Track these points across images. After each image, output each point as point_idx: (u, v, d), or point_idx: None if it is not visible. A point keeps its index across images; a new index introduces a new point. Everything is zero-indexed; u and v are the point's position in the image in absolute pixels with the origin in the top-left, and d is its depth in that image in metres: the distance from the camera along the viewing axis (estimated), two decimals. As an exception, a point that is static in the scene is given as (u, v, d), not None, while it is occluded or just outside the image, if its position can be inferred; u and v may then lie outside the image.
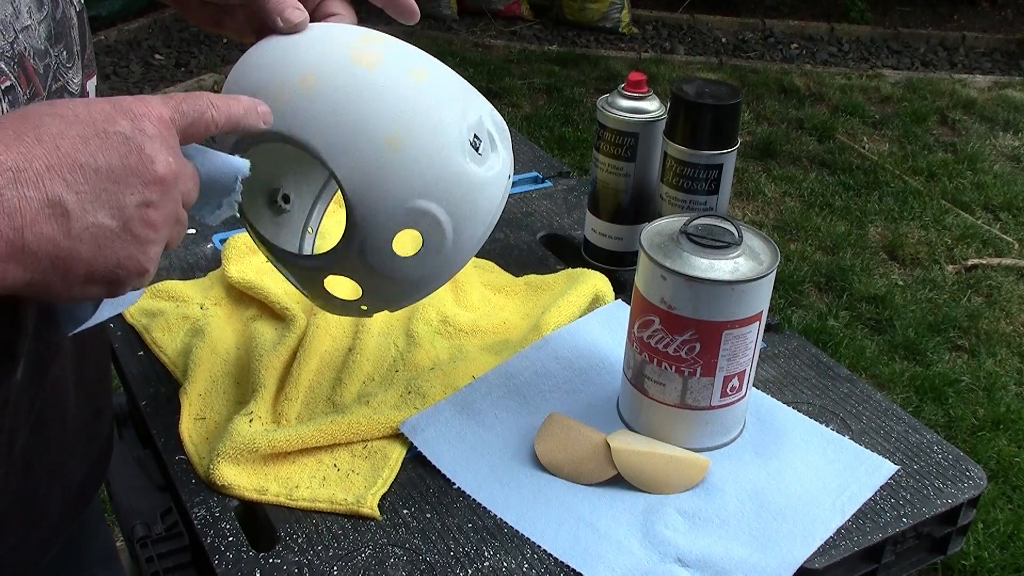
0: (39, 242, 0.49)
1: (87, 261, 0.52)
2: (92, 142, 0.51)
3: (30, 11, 0.60)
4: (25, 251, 0.49)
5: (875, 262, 3.04)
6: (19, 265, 0.49)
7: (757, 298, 0.82)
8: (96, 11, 4.22)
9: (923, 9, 5.31)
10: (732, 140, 1.03)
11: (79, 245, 0.51)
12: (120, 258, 0.53)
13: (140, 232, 0.54)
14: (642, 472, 0.84)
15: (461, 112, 0.74)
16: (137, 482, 0.89)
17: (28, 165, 0.49)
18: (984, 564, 1.96)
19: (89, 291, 0.54)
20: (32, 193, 0.49)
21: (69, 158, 0.50)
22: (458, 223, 0.73)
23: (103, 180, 0.51)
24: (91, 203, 0.51)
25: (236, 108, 0.62)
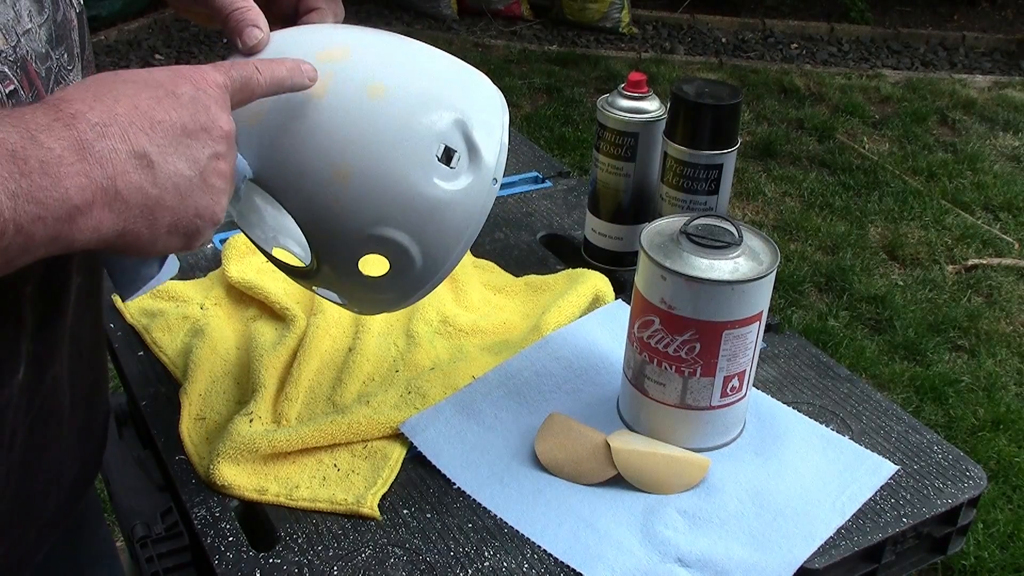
0: (130, 190, 0.52)
1: (172, 209, 0.55)
2: (164, 101, 0.55)
3: (31, 15, 0.60)
4: (118, 198, 0.52)
5: (875, 262, 3.04)
6: (113, 213, 0.52)
7: (757, 298, 0.82)
8: (96, 11, 4.22)
9: (923, 9, 5.31)
10: (732, 140, 1.03)
11: (164, 193, 0.54)
12: (199, 207, 0.57)
13: (214, 182, 0.58)
14: (642, 472, 0.84)
15: (427, 125, 0.69)
16: (137, 482, 0.90)
17: (113, 120, 0.52)
18: (984, 564, 1.96)
19: (172, 242, 0.57)
20: (120, 145, 0.52)
21: (147, 115, 0.54)
22: (426, 243, 0.71)
23: (179, 134, 0.55)
24: (172, 154, 0.54)
25: (279, 70, 0.64)
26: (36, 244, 0.49)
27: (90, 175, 0.50)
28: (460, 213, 0.72)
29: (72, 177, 0.50)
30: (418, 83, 0.71)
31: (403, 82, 0.70)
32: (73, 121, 0.51)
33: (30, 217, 0.48)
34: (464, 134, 0.71)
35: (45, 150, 0.49)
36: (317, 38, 0.72)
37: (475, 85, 0.75)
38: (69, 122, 0.51)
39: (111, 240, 0.53)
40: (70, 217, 0.50)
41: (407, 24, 4.78)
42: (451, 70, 0.74)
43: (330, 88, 0.68)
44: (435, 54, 0.75)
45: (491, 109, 0.74)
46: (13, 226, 0.48)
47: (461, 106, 0.71)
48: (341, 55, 0.70)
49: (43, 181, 0.48)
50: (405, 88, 0.70)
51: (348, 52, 0.71)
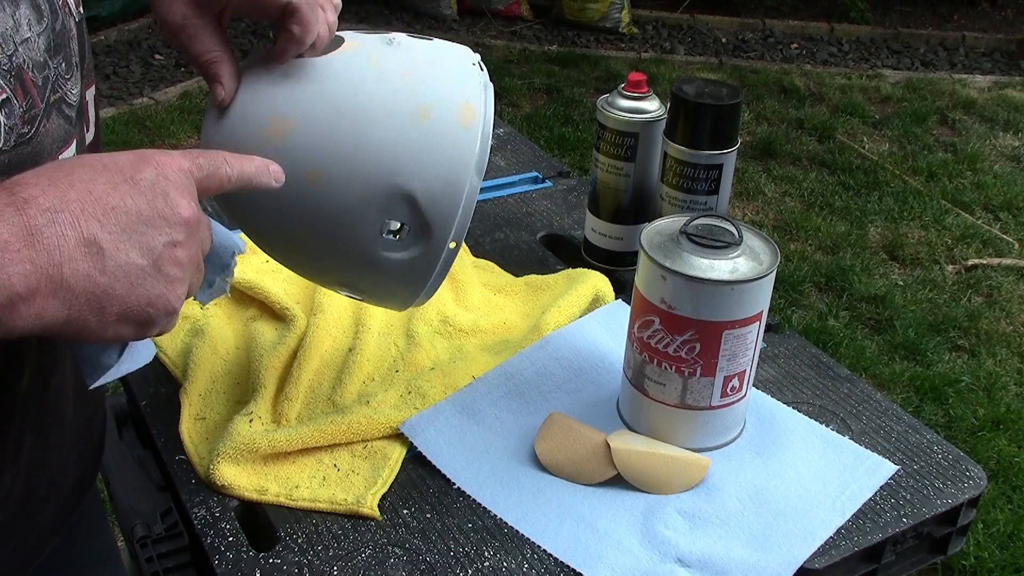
0: (77, 278, 0.52)
1: (121, 298, 0.54)
2: (121, 187, 0.54)
3: (29, 23, 0.60)
4: (64, 286, 0.51)
5: (875, 262, 3.04)
6: (58, 301, 0.51)
7: (757, 298, 0.82)
8: (96, 11, 4.22)
9: (923, 9, 5.31)
10: (732, 140, 1.03)
11: (114, 282, 0.53)
12: (151, 296, 0.56)
13: (169, 271, 0.56)
14: (642, 472, 0.84)
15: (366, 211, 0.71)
16: (137, 482, 0.89)
17: (64, 207, 0.51)
18: (984, 564, 1.96)
19: (122, 330, 0.56)
20: (69, 232, 0.51)
21: (101, 201, 0.53)
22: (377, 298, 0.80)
23: (133, 222, 0.54)
24: (124, 242, 0.53)
25: (248, 167, 0.64)
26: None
27: (35, 262, 0.50)
28: (409, 276, 0.75)
29: (16, 264, 0.49)
30: (360, 165, 0.70)
31: (343, 168, 0.70)
32: (25, 206, 0.50)
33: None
34: (411, 207, 0.71)
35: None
36: (274, 101, 0.72)
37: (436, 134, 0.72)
38: (21, 207, 0.50)
39: (56, 328, 0.52)
40: (11, 303, 0.49)
41: (407, 24, 4.78)
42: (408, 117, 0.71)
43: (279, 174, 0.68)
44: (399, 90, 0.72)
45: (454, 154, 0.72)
46: None
47: (410, 178, 0.71)
48: (286, 131, 0.70)
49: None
50: (345, 176, 0.70)
51: (293, 128, 0.70)
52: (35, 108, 0.60)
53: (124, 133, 3.50)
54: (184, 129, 3.59)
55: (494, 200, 1.29)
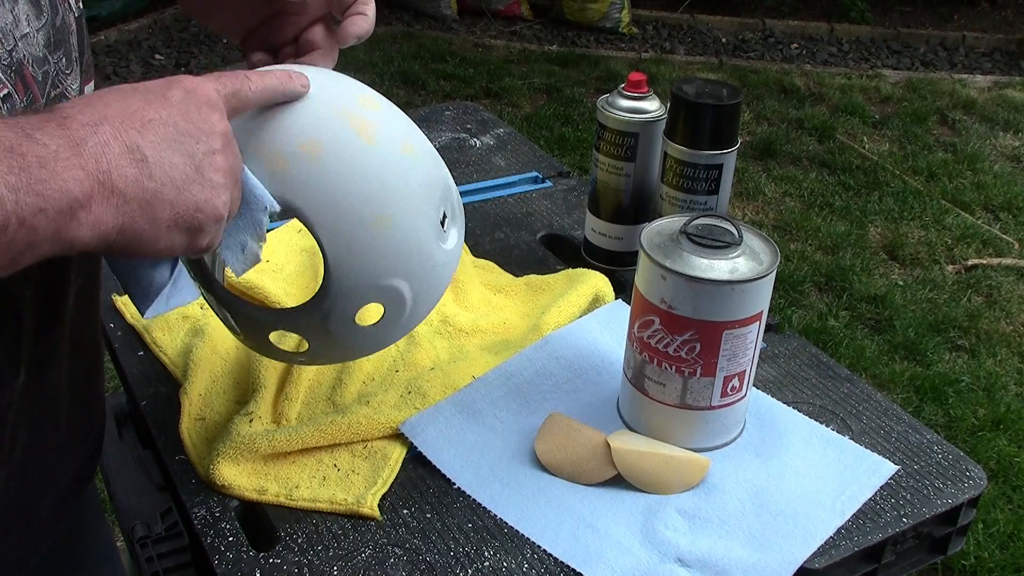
0: (126, 183, 0.53)
1: (171, 202, 0.55)
2: (155, 103, 0.56)
3: (28, 19, 0.60)
4: (115, 192, 0.52)
5: (875, 262, 3.04)
6: (112, 207, 0.53)
7: (757, 298, 0.82)
8: (96, 11, 4.22)
9: (923, 9, 5.31)
10: (732, 140, 1.03)
11: (162, 187, 0.55)
12: (199, 200, 0.57)
13: (212, 176, 0.58)
14: (642, 472, 0.84)
15: (440, 190, 0.74)
16: (137, 482, 0.90)
17: (104, 120, 0.53)
18: (984, 564, 1.96)
19: (174, 238, 0.57)
20: (112, 140, 0.53)
21: (138, 115, 0.55)
22: (418, 298, 0.74)
23: (171, 132, 0.56)
24: (165, 150, 0.55)
25: (270, 79, 0.65)
26: (39, 239, 0.50)
27: (86, 168, 0.51)
28: (447, 272, 0.76)
29: (69, 171, 0.50)
30: (429, 148, 0.75)
31: (422, 148, 0.74)
32: (65, 122, 0.52)
33: (32, 210, 0.49)
34: (451, 200, 0.76)
35: (41, 146, 0.50)
36: (352, 86, 0.74)
37: None
38: (62, 122, 0.52)
39: (112, 237, 0.53)
40: (71, 210, 0.50)
41: (407, 24, 4.78)
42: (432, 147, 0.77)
43: (379, 136, 0.70)
44: None
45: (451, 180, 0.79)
46: (16, 219, 0.48)
47: (446, 173, 0.77)
48: (378, 106, 0.73)
49: (42, 174, 0.49)
50: (425, 152, 0.74)
51: (381, 104, 0.73)
52: (36, 103, 0.60)
53: (124, 133, 3.49)
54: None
55: (494, 200, 1.29)
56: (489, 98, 4.02)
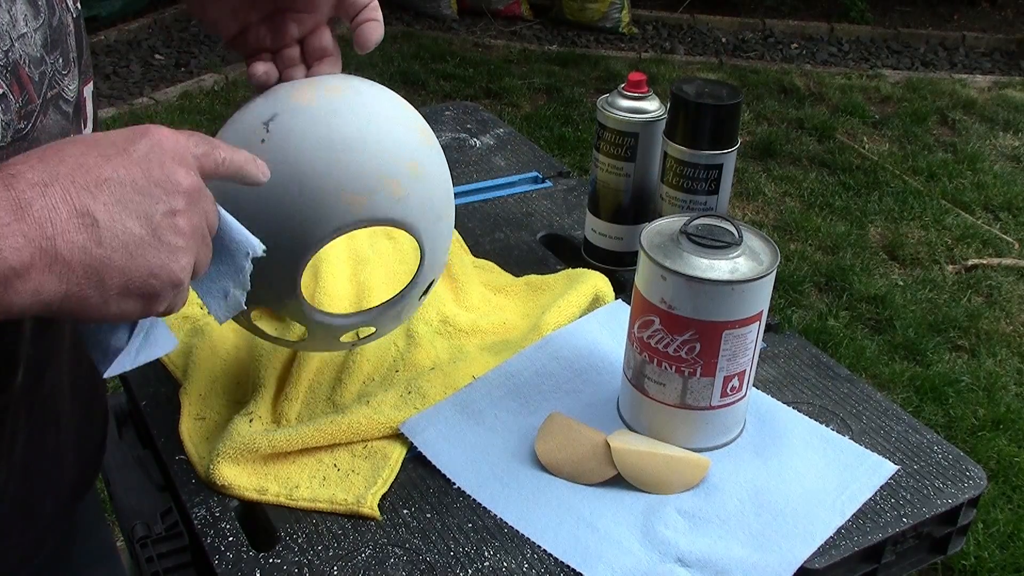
0: (72, 251, 0.50)
1: (121, 269, 0.53)
2: (114, 159, 0.53)
3: (26, 19, 0.60)
4: (59, 260, 0.50)
5: (875, 262, 3.04)
6: (55, 275, 0.50)
7: (757, 298, 0.82)
8: (96, 11, 4.21)
9: (923, 9, 5.31)
10: (732, 140, 1.03)
11: (112, 253, 0.52)
12: (153, 266, 0.54)
13: (169, 239, 0.55)
14: (642, 472, 0.84)
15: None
16: (137, 482, 0.89)
17: (54, 180, 0.50)
18: (984, 564, 1.96)
19: (126, 306, 0.54)
20: (61, 205, 0.50)
21: (93, 173, 0.52)
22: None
23: (128, 192, 0.53)
24: (119, 212, 0.52)
25: (239, 156, 0.63)
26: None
27: (27, 235, 0.49)
28: None
29: (7, 238, 0.48)
30: None
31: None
32: (12, 181, 0.50)
33: None
34: None
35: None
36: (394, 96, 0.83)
37: None
38: (8, 183, 0.50)
39: (56, 304, 0.51)
40: (5, 279, 0.48)
41: (407, 24, 4.78)
42: None
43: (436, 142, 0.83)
44: None
45: None
46: None
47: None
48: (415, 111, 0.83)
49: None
50: None
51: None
52: (31, 104, 0.60)
53: (124, 133, 3.50)
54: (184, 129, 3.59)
55: (494, 200, 1.29)
56: (489, 98, 4.02)
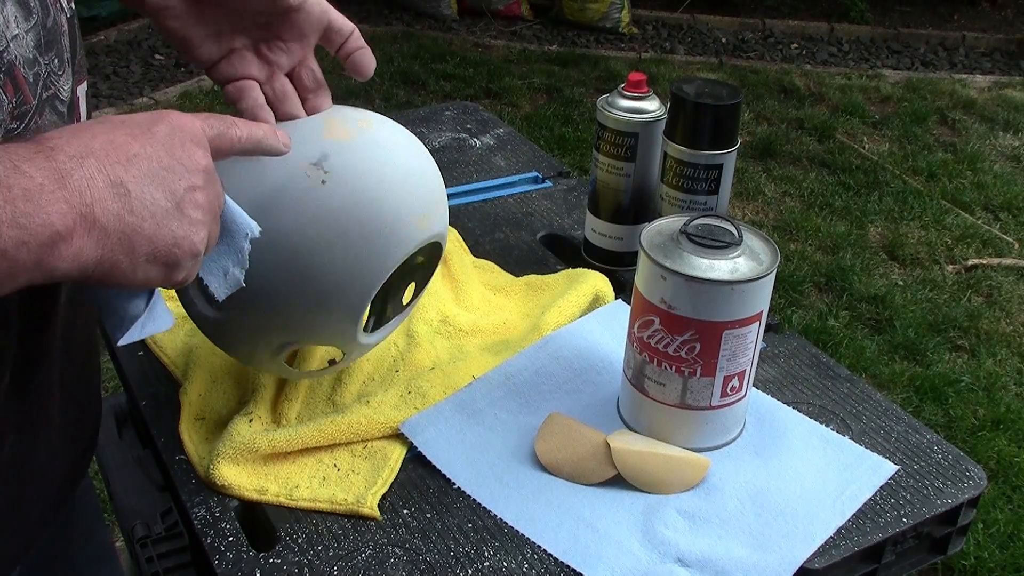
0: (108, 217, 0.54)
1: (149, 237, 0.57)
2: (140, 137, 0.57)
3: (17, 20, 0.60)
4: (97, 225, 0.54)
5: (875, 262, 3.04)
6: (92, 240, 0.54)
7: (757, 298, 0.82)
8: (96, 11, 4.22)
9: (923, 9, 5.31)
10: (732, 140, 1.03)
11: (142, 222, 0.56)
12: (177, 236, 0.58)
13: (191, 213, 0.59)
14: (642, 472, 0.84)
15: None
16: (137, 482, 0.89)
17: (89, 153, 0.54)
18: (984, 564, 1.96)
19: (151, 272, 0.58)
20: (97, 174, 0.54)
21: (123, 149, 0.56)
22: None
23: (155, 167, 0.57)
24: (148, 185, 0.56)
25: (257, 130, 0.67)
26: (19, 269, 0.51)
27: (70, 202, 0.52)
28: None
29: (53, 204, 0.51)
30: None
31: None
32: (53, 153, 0.53)
33: (14, 242, 0.50)
34: None
35: (27, 178, 0.51)
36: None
37: None
38: (49, 154, 0.53)
39: (91, 269, 0.55)
40: (52, 243, 0.52)
41: (407, 24, 4.78)
42: None
43: None
44: None
45: None
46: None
47: None
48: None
49: (26, 207, 0.50)
50: None
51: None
52: (26, 104, 0.60)
53: (124, 133, 3.49)
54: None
55: (494, 200, 1.29)
56: (489, 98, 4.02)
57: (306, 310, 0.78)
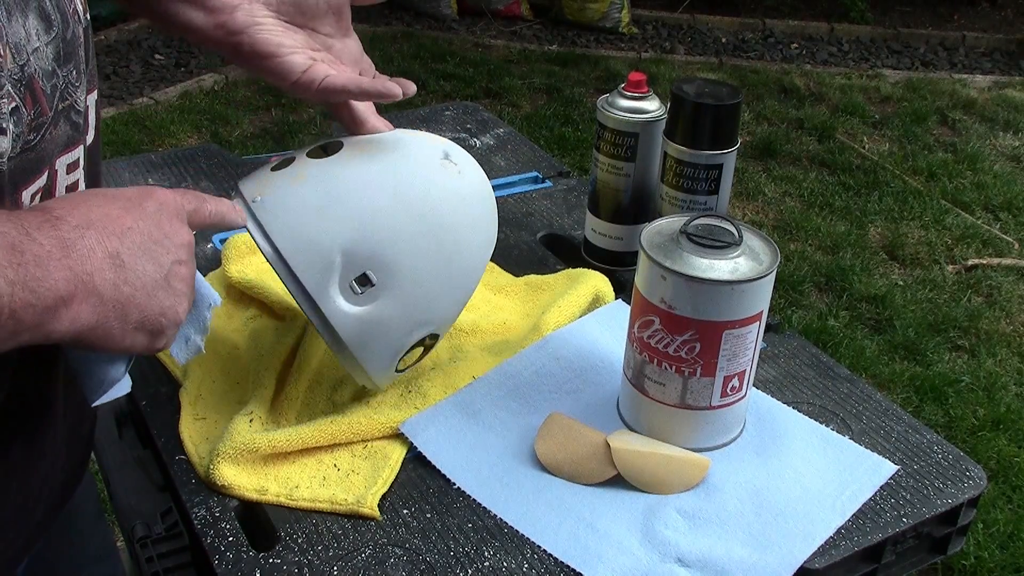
0: (105, 286, 0.58)
1: (140, 307, 0.61)
2: (133, 212, 0.62)
3: (38, 33, 0.61)
4: (95, 293, 0.58)
5: (875, 262, 3.04)
6: (89, 306, 0.58)
7: (757, 298, 0.82)
8: (96, 11, 4.18)
9: (923, 9, 5.31)
10: (732, 140, 1.03)
11: (135, 292, 0.61)
12: (164, 306, 0.63)
13: (176, 285, 0.64)
14: (642, 472, 0.84)
15: None
16: (137, 482, 0.89)
17: (90, 224, 0.59)
18: (984, 564, 1.96)
19: (137, 339, 0.62)
20: (96, 246, 0.58)
21: (118, 222, 0.61)
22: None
23: (146, 241, 0.62)
24: (140, 257, 0.61)
25: (222, 206, 0.73)
26: (23, 329, 0.54)
27: (73, 270, 0.56)
28: None
29: (60, 271, 0.55)
30: None
31: None
32: (58, 223, 0.57)
33: (23, 303, 0.53)
34: None
35: (38, 245, 0.55)
36: None
37: None
38: (55, 223, 0.57)
39: (85, 333, 0.58)
40: (55, 307, 0.55)
41: (407, 24, 4.78)
42: None
43: None
44: None
45: None
46: (8, 311, 0.52)
47: None
48: None
49: (37, 272, 0.54)
50: None
51: None
52: (43, 116, 0.61)
53: (124, 133, 3.50)
54: (184, 129, 3.59)
55: (494, 200, 1.29)
56: (489, 98, 4.02)
57: (452, 288, 0.84)
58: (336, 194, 0.79)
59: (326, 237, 0.78)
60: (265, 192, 0.80)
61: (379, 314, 0.80)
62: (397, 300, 0.80)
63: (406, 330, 0.83)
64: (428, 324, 0.84)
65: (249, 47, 0.79)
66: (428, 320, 0.83)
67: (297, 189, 0.79)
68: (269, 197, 0.79)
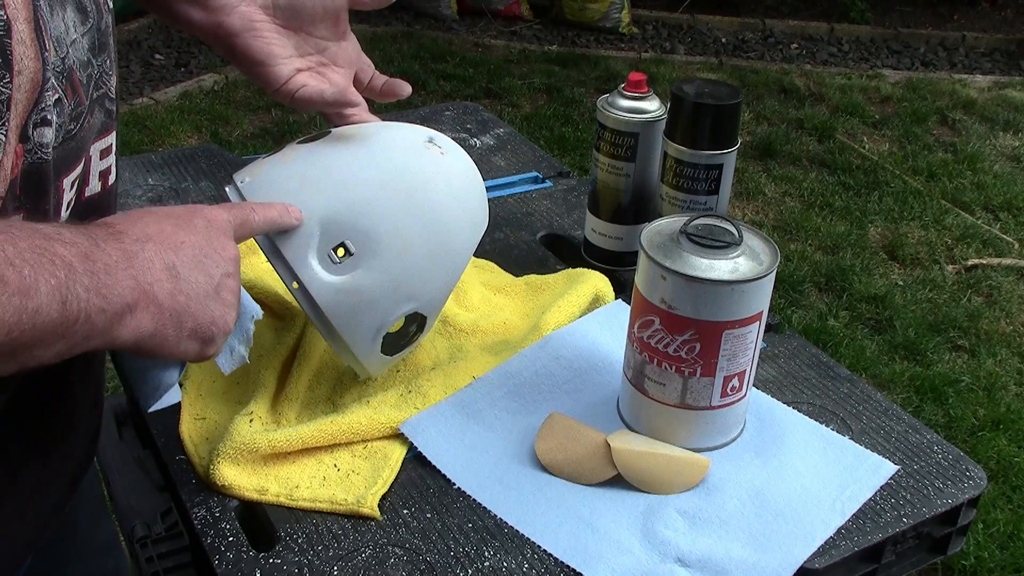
0: (164, 296, 0.62)
1: (194, 315, 0.65)
2: (184, 227, 0.66)
3: (75, 25, 0.63)
4: (155, 302, 0.62)
5: (875, 262, 3.04)
6: (149, 315, 0.61)
7: (757, 298, 0.82)
8: (96, 11, 4.21)
9: (923, 9, 5.31)
10: (732, 140, 1.03)
11: (190, 302, 0.64)
12: (215, 316, 0.67)
13: (225, 296, 0.68)
14: (642, 472, 0.84)
15: None
16: (137, 482, 0.89)
17: (148, 238, 0.63)
18: (984, 564, 1.96)
19: (190, 346, 0.66)
20: (155, 258, 0.62)
21: (172, 237, 0.65)
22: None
23: (198, 255, 0.66)
24: (193, 269, 0.65)
25: (272, 212, 0.76)
26: (95, 334, 0.57)
27: (136, 279, 0.60)
28: None
29: (126, 280, 0.59)
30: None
31: None
32: (121, 236, 0.61)
33: (96, 309, 0.57)
34: None
35: (106, 255, 0.59)
36: None
37: None
38: (119, 236, 0.61)
39: (145, 339, 0.62)
40: (121, 314, 0.59)
41: (407, 24, 4.78)
42: None
43: None
44: None
45: None
46: (84, 315, 0.56)
47: None
48: None
49: (107, 279, 0.58)
50: None
51: None
52: (81, 106, 0.63)
53: (124, 133, 3.50)
54: (184, 129, 3.59)
55: (494, 200, 1.29)
56: (489, 98, 4.02)
57: (435, 266, 0.84)
58: (318, 168, 0.82)
59: (305, 207, 0.79)
60: (253, 173, 0.82)
61: (358, 284, 0.80)
62: (377, 271, 0.80)
63: (388, 304, 0.82)
64: (411, 299, 0.83)
65: (242, 51, 0.83)
66: (410, 295, 0.83)
67: (282, 168, 0.82)
68: (256, 178, 0.82)
